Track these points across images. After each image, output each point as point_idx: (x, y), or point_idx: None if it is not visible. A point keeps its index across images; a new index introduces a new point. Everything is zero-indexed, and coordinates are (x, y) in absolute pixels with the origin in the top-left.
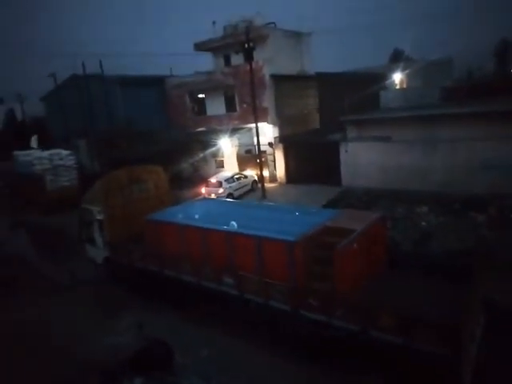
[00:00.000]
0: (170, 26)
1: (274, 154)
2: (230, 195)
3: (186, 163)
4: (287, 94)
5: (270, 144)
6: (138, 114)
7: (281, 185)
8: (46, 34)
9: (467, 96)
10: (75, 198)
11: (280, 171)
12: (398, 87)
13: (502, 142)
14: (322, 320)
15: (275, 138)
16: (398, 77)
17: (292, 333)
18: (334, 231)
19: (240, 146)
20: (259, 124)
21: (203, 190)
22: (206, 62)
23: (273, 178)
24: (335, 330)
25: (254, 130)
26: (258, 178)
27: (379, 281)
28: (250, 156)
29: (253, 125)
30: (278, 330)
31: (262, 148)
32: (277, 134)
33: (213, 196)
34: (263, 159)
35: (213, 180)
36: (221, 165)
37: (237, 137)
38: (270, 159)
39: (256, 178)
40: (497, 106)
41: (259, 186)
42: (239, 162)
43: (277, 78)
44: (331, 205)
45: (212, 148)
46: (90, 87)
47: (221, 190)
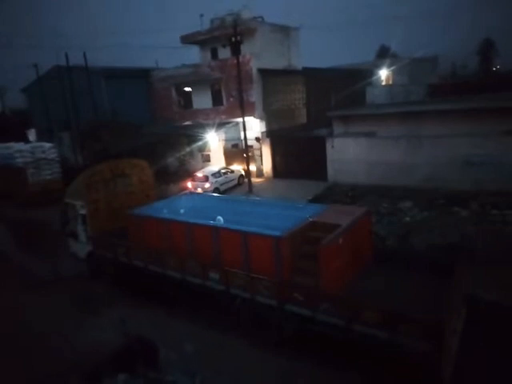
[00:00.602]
0: (157, 18)
1: (260, 149)
2: (216, 190)
3: (172, 157)
4: (274, 88)
5: (257, 139)
6: (123, 106)
7: (267, 180)
8: (28, 23)
9: (452, 93)
10: (58, 191)
11: (267, 166)
12: (384, 84)
13: (485, 138)
14: (307, 314)
15: (262, 132)
16: (384, 73)
17: (278, 327)
18: (320, 226)
19: (227, 140)
20: (246, 118)
21: (189, 184)
22: (194, 56)
23: (259, 173)
24: (321, 325)
25: (241, 125)
26: (245, 172)
27: (364, 276)
28: (237, 150)
29: (240, 119)
30: (263, 325)
31: (248, 143)
32: (264, 129)
33: (199, 190)
34: (250, 154)
35: (199, 174)
36: (207, 159)
37: (223, 131)
38: (257, 154)
39: (243, 173)
40: (479, 103)
41: (246, 180)
42: (226, 157)
43: (264, 72)
44: (317, 200)
45: (198, 142)
46: (74, 79)
47: (207, 185)
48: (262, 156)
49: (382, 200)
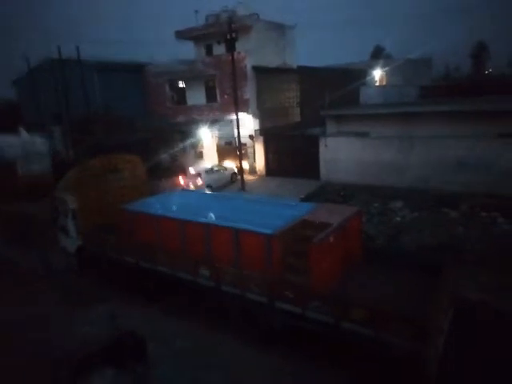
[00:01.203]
0: (154, 13)
1: (254, 147)
2: (208, 187)
3: (165, 153)
4: (269, 86)
5: (250, 136)
6: (116, 101)
7: (260, 177)
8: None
9: (444, 95)
10: (48, 185)
11: (260, 164)
12: (377, 84)
13: (477, 141)
14: (297, 312)
15: (256, 130)
16: (378, 74)
17: (268, 324)
18: (311, 225)
19: (220, 137)
20: (240, 115)
21: (182, 180)
22: (189, 52)
23: (252, 171)
24: (311, 323)
25: (234, 122)
26: (238, 170)
27: (353, 274)
28: (230, 148)
29: (233, 116)
30: (254, 322)
31: (242, 140)
32: (257, 127)
33: (191, 187)
34: (243, 151)
35: (192, 171)
36: (200, 156)
37: (217, 128)
38: (250, 151)
39: (236, 170)
40: (471, 105)
41: (239, 178)
42: (219, 154)
43: (259, 69)
44: (309, 198)
45: (192, 138)
46: (66, 71)
47: (200, 182)
48: (255, 154)
49: (373, 200)
